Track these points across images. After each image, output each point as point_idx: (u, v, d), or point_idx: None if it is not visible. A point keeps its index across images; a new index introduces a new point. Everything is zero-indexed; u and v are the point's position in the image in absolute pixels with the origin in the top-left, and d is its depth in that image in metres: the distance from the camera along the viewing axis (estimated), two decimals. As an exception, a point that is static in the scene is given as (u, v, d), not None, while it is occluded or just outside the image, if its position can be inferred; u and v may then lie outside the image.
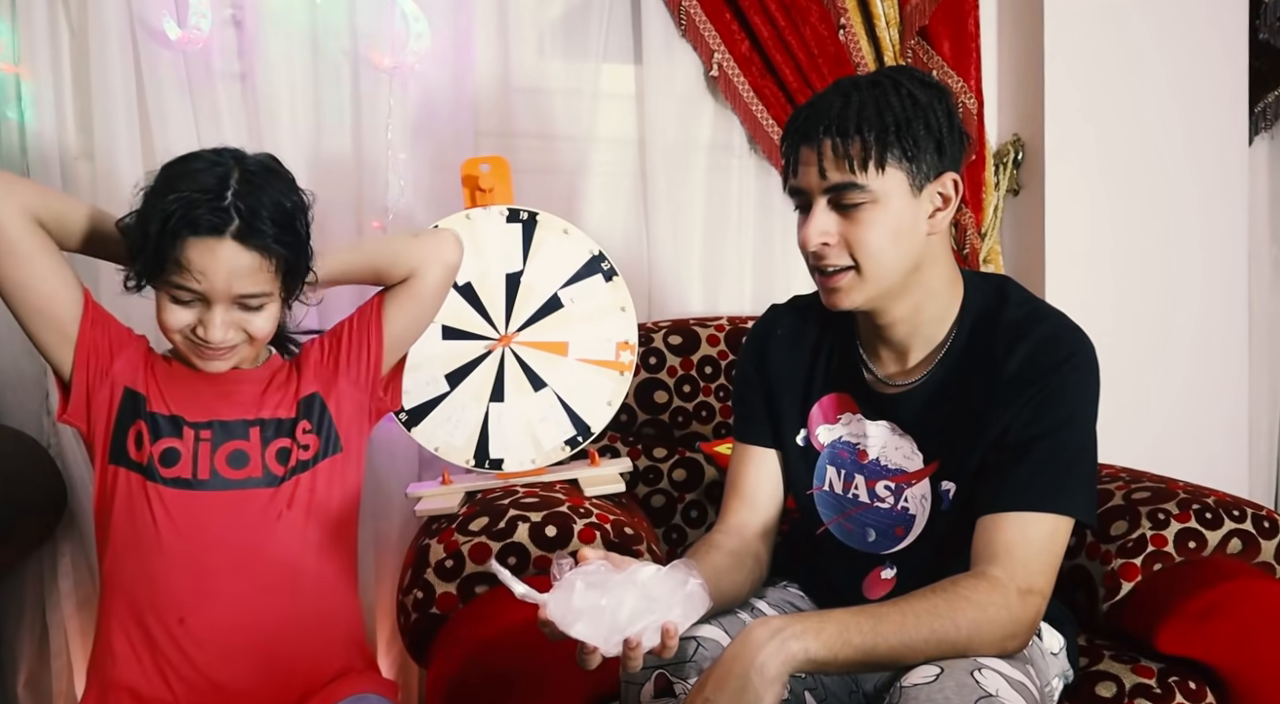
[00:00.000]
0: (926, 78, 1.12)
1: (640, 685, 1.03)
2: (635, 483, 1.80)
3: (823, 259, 1.11)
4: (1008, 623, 0.99)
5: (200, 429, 1.23)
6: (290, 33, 1.87)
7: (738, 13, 2.06)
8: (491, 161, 1.64)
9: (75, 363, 1.21)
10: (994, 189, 2.25)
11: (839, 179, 1.07)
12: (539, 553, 1.29)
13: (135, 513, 1.21)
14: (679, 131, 2.12)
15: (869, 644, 0.95)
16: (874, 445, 1.19)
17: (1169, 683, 1.27)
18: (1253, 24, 2.33)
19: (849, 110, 1.07)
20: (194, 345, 1.19)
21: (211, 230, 1.11)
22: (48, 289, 1.18)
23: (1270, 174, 2.57)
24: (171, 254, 1.12)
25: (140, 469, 1.21)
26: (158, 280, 1.16)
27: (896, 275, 1.11)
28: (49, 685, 1.85)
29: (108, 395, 1.23)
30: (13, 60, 1.78)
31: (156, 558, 1.19)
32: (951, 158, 1.10)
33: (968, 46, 2.18)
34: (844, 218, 1.09)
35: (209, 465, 1.22)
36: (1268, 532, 1.40)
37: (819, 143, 1.08)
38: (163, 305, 1.17)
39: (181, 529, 1.20)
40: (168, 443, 1.22)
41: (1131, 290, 2.25)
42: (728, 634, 1.08)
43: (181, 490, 1.21)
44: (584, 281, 1.63)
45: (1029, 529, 1.03)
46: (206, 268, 1.12)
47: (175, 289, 1.15)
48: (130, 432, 1.22)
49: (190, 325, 1.17)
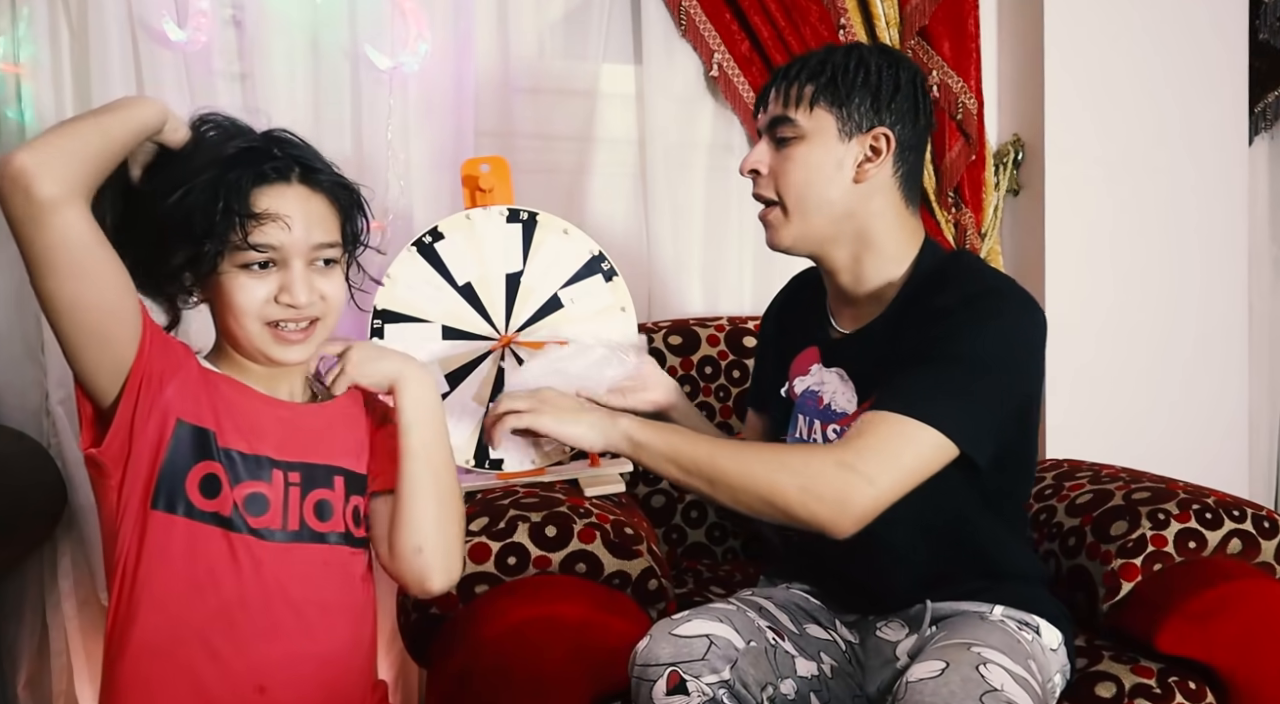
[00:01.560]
0: (901, 56, 1.25)
1: (653, 683, 1.03)
2: (635, 483, 1.80)
3: (755, 190, 1.25)
4: (823, 486, 1.06)
5: (289, 471, 1.04)
6: (290, 33, 1.87)
7: (738, 13, 2.06)
8: (491, 161, 1.64)
9: (124, 392, 0.96)
10: (994, 189, 2.25)
11: (777, 112, 1.22)
12: (539, 553, 1.29)
13: (201, 570, 0.99)
14: (679, 131, 2.12)
15: (695, 456, 1.11)
16: (828, 391, 1.27)
17: (1169, 683, 1.27)
18: (1253, 24, 2.34)
19: (811, 59, 1.22)
20: (274, 329, 1.03)
21: (279, 176, 1.01)
22: (109, 306, 0.93)
23: (1270, 174, 2.57)
24: (242, 211, 0.98)
25: (219, 520, 1.00)
26: (222, 258, 0.99)
27: (821, 218, 1.21)
28: (49, 685, 1.85)
29: (156, 430, 0.98)
30: (13, 60, 1.78)
31: (231, 621, 1.00)
32: (891, 117, 1.20)
33: (968, 46, 2.18)
34: (777, 152, 1.23)
35: (299, 515, 1.04)
36: (1268, 532, 1.40)
37: (776, 83, 1.24)
38: (234, 287, 1.00)
39: (271, 588, 1.01)
40: (252, 487, 1.02)
41: (1131, 290, 2.25)
42: (739, 633, 1.09)
43: (273, 543, 1.02)
44: (584, 282, 1.62)
45: (881, 425, 1.09)
46: (285, 211, 1.00)
47: (249, 254, 0.99)
48: (193, 474, 0.99)
49: (271, 295, 1.01)
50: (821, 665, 1.18)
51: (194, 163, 0.99)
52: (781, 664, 1.13)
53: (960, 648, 1.02)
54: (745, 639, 1.09)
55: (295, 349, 1.05)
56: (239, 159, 0.99)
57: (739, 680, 1.05)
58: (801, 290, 1.43)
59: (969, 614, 1.18)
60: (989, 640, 1.05)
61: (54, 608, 1.84)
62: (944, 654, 1.01)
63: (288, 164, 1.02)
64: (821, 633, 1.23)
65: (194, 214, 0.97)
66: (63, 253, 0.87)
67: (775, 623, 1.18)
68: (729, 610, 1.13)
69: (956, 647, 1.03)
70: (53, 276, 0.88)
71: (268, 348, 1.03)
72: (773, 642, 1.13)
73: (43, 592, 1.84)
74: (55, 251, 0.87)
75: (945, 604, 1.20)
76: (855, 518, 1.06)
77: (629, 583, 1.30)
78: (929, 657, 1.01)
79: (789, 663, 1.14)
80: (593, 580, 1.29)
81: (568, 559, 1.29)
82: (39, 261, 0.88)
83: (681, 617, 1.10)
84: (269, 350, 1.04)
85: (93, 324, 0.93)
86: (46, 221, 0.85)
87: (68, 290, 0.90)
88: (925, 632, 1.18)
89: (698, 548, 1.84)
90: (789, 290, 1.48)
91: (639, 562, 1.31)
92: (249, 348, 1.04)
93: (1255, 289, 2.49)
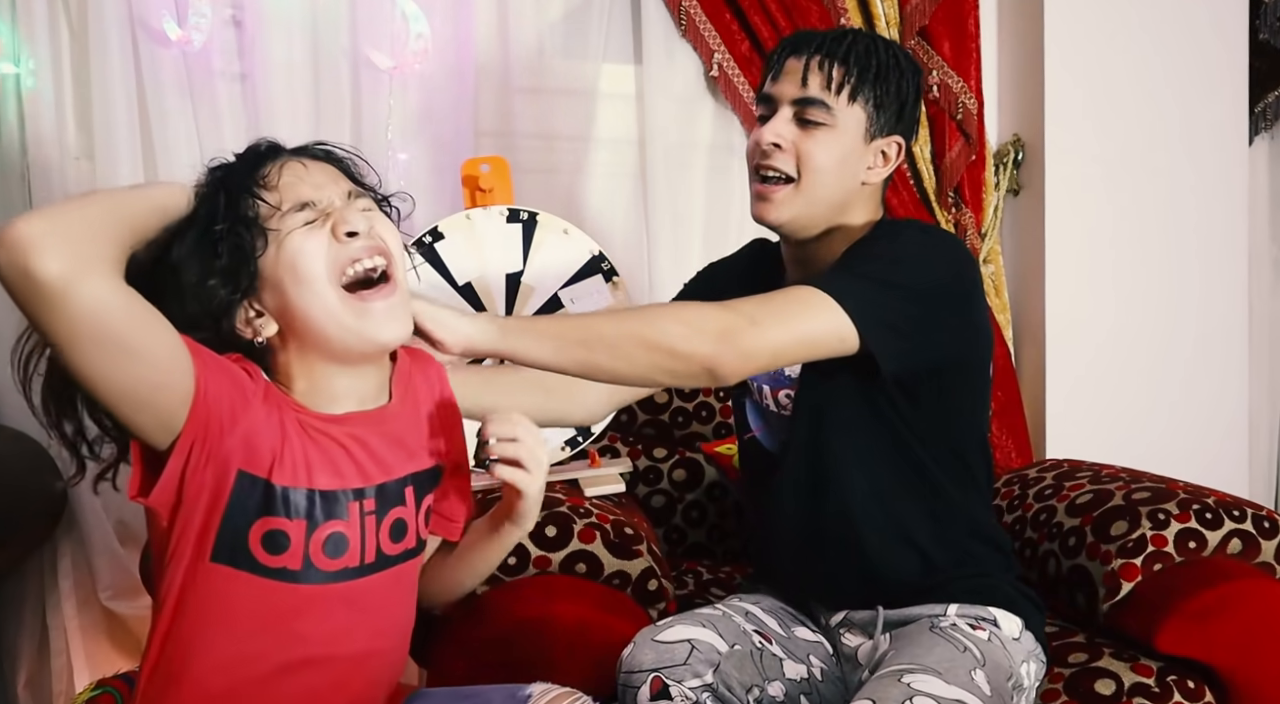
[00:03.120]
0: (915, 61, 1.23)
1: (637, 689, 1.04)
2: (635, 483, 1.80)
3: (769, 161, 1.18)
4: (709, 322, 1.02)
5: (364, 499, 0.94)
6: (290, 33, 1.88)
7: (738, 13, 2.06)
8: (491, 161, 1.64)
9: (174, 449, 0.85)
10: (994, 189, 2.24)
11: (815, 93, 1.16)
12: (539, 553, 1.29)
13: (265, 623, 0.91)
14: (679, 131, 2.12)
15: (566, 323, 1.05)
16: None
17: (1168, 682, 1.27)
18: (1253, 24, 2.33)
19: (845, 41, 1.18)
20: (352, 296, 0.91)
21: (272, 157, 0.94)
22: (152, 379, 0.82)
23: (1270, 174, 2.56)
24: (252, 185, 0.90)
25: (288, 575, 0.90)
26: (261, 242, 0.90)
27: (825, 203, 1.18)
28: (49, 685, 1.85)
29: (214, 481, 0.88)
30: (13, 60, 1.78)
31: (292, 669, 0.92)
32: (905, 126, 1.21)
33: (968, 46, 2.18)
34: (802, 130, 1.17)
35: (375, 545, 0.95)
36: (1268, 532, 1.40)
37: (810, 56, 1.17)
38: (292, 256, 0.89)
39: (339, 631, 0.94)
40: (330, 528, 0.92)
41: (1131, 290, 2.25)
42: (722, 637, 1.09)
43: (344, 583, 0.93)
44: (584, 282, 1.63)
45: (786, 293, 1.09)
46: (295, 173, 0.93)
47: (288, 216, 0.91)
48: (256, 530, 0.89)
49: (328, 241, 0.90)
50: (811, 668, 1.18)
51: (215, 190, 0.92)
52: (769, 667, 1.13)
53: (891, 680, 1.02)
54: (729, 643, 1.09)
55: (383, 320, 0.92)
56: (229, 165, 0.94)
57: (722, 684, 1.06)
58: (760, 265, 1.35)
59: (921, 620, 1.16)
60: (928, 661, 1.05)
61: (54, 608, 1.84)
62: (875, 689, 1.01)
63: (274, 148, 0.96)
64: (810, 635, 1.23)
65: (213, 217, 0.89)
66: (84, 330, 0.75)
67: (762, 627, 1.18)
68: (713, 615, 1.13)
69: (889, 678, 1.02)
70: (76, 354, 0.77)
71: (354, 322, 0.91)
72: (759, 645, 1.14)
73: (43, 592, 1.84)
74: (74, 330, 0.75)
75: (897, 611, 1.18)
76: (739, 352, 1.02)
77: (629, 583, 1.30)
78: (862, 694, 1.01)
79: (776, 666, 1.14)
80: (593, 580, 1.29)
81: (568, 559, 1.29)
82: (56, 342, 0.77)
83: (665, 623, 1.11)
84: (357, 325, 0.91)
85: (132, 397, 0.82)
86: (55, 303, 0.73)
87: (98, 367, 0.78)
88: (879, 641, 1.17)
89: (698, 548, 1.84)
90: (744, 261, 1.39)
91: (639, 562, 1.31)
92: (331, 332, 0.91)
93: (1255, 289, 2.48)
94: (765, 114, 1.20)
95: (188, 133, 1.84)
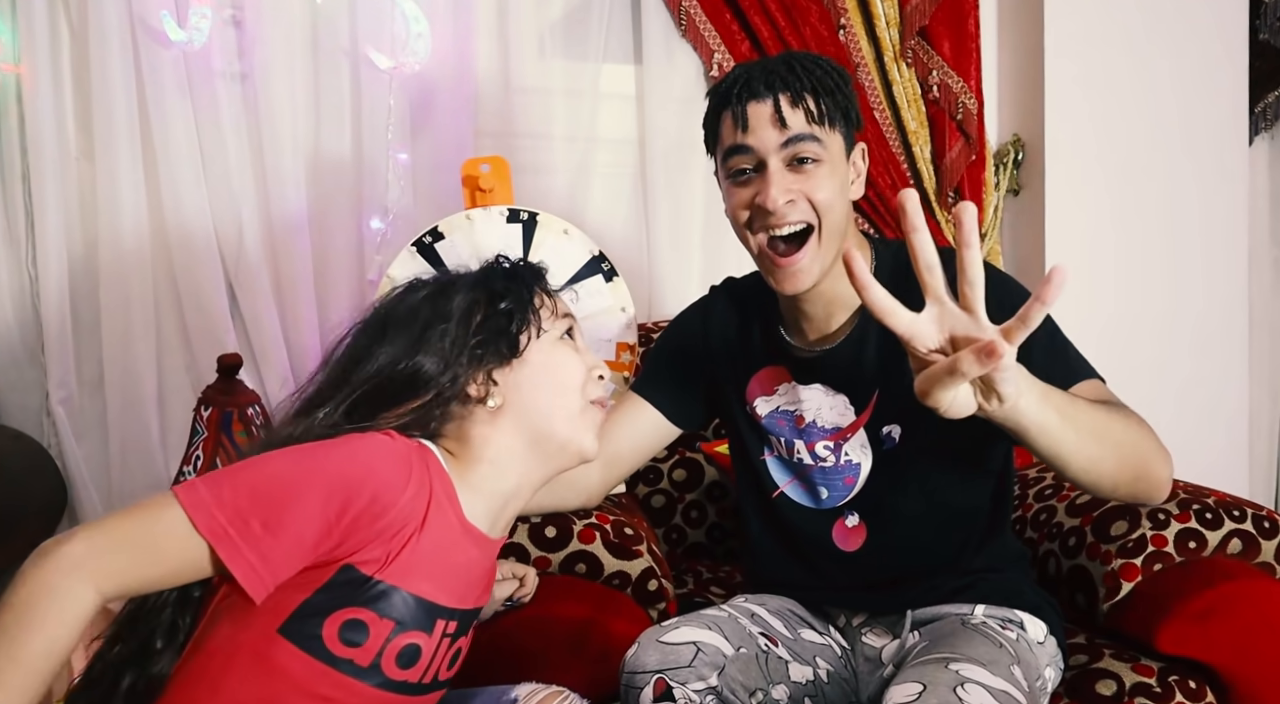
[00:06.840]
0: (833, 61, 1.17)
1: (640, 690, 1.04)
2: (635, 483, 1.80)
3: (786, 219, 1.10)
4: (1159, 447, 1.01)
5: (450, 620, 0.92)
6: (290, 33, 1.88)
7: (738, 13, 2.06)
8: (491, 161, 1.64)
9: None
10: (994, 189, 2.25)
11: (800, 129, 1.09)
12: (539, 553, 1.29)
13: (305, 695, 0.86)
14: (679, 131, 2.12)
15: (1072, 408, 0.91)
16: (810, 408, 1.22)
17: (1169, 682, 1.27)
18: (1253, 24, 2.34)
19: (795, 71, 1.10)
20: (596, 406, 1.01)
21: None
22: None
23: (1270, 174, 2.57)
24: (530, 294, 1.02)
25: (352, 669, 0.86)
26: (537, 321, 0.99)
27: (840, 237, 1.12)
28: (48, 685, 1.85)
29: (317, 569, 0.85)
30: (13, 60, 1.78)
31: None
32: (856, 128, 1.16)
33: (968, 46, 2.18)
34: (797, 173, 1.10)
35: (437, 668, 0.93)
36: (1268, 532, 1.40)
37: (774, 98, 1.09)
38: (554, 361, 0.99)
39: None
40: (410, 638, 0.88)
41: (1132, 290, 2.25)
42: (728, 640, 1.08)
43: (397, 696, 0.89)
44: (584, 282, 1.62)
45: (1102, 390, 1.12)
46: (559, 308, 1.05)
47: (555, 321, 1.01)
48: (337, 617, 0.85)
49: (590, 365, 1.02)
50: (817, 671, 1.18)
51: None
52: (774, 670, 1.12)
53: (938, 666, 1.00)
54: (735, 646, 1.09)
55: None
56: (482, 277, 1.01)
57: (726, 687, 1.05)
58: (739, 308, 1.31)
59: (950, 617, 1.18)
60: (969, 653, 1.04)
61: (54, 608, 1.83)
62: (922, 674, 0.99)
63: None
64: (816, 637, 1.23)
65: (500, 293, 0.98)
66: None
67: (768, 629, 1.17)
68: (719, 617, 1.12)
69: (935, 664, 1.01)
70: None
71: (586, 433, 0.99)
72: (765, 648, 1.13)
73: (43, 592, 1.84)
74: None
75: (925, 610, 1.19)
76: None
77: (629, 583, 1.30)
78: (907, 677, 1.00)
79: (782, 669, 1.13)
80: (593, 581, 1.29)
81: (568, 559, 1.29)
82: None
83: (670, 624, 1.10)
84: (588, 436, 0.99)
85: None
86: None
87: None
88: (907, 639, 1.18)
89: (698, 548, 1.84)
90: (719, 308, 1.33)
91: (639, 562, 1.31)
92: (561, 437, 0.97)
93: (1255, 289, 2.49)
94: (745, 167, 1.13)
95: (188, 133, 1.84)
